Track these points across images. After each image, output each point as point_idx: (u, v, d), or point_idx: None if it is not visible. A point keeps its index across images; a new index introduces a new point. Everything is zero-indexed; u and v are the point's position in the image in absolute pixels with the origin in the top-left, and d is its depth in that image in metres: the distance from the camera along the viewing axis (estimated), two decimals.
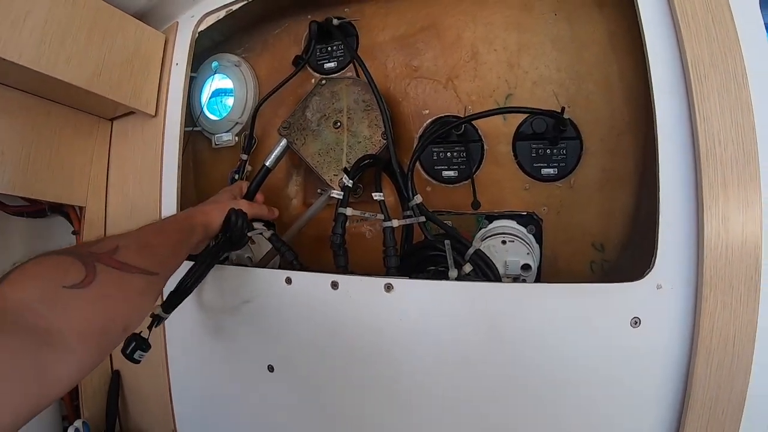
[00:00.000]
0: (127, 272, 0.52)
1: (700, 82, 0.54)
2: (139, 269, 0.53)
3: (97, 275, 0.48)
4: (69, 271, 0.47)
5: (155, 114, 0.88)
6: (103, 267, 0.49)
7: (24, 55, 0.69)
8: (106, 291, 0.48)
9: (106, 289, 0.48)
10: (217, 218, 0.71)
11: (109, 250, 0.52)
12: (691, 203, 0.54)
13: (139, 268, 0.53)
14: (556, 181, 0.76)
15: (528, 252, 0.70)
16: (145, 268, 0.54)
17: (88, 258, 0.49)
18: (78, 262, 0.48)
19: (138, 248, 0.56)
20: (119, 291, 0.51)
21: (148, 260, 0.55)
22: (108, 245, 0.53)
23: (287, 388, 0.74)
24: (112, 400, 0.92)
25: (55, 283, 0.45)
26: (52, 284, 0.45)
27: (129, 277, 0.52)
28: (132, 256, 0.53)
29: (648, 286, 0.55)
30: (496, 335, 0.59)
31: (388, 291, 0.62)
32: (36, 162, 0.85)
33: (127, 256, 0.53)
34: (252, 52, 0.97)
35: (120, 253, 0.52)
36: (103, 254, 0.51)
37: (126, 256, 0.53)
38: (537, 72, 0.77)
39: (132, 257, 0.53)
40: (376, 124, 0.76)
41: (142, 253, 0.56)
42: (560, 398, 0.58)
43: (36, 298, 0.43)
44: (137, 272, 0.53)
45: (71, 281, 0.46)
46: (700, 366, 0.52)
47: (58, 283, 0.45)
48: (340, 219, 0.65)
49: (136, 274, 0.53)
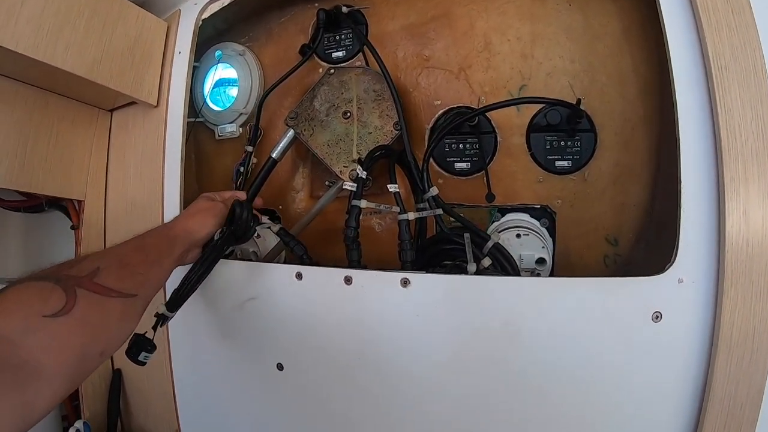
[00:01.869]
0: (106, 296, 0.51)
1: (721, 74, 0.54)
2: (118, 292, 0.53)
3: (78, 301, 0.47)
4: (50, 299, 0.46)
5: (157, 104, 0.86)
6: (84, 292, 0.49)
7: (21, 43, 0.67)
8: (85, 318, 0.48)
9: (86, 315, 0.48)
10: (199, 224, 0.69)
11: (89, 273, 0.51)
12: (713, 197, 0.54)
13: (118, 291, 0.52)
14: (570, 173, 0.75)
15: (543, 246, 0.69)
16: (123, 291, 0.53)
17: (69, 283, 0.48)
18: (58, 288, 0.47)
19: (118, 269, 0.55)
20: (99, 316, 0.50)
21: (128, 282, 0.55)
22: (88, 267, 0.52)
23: (297, 386, 0.72)
24: (114, 399, 0.90)
25: (35, 311, 0.45)
26: (32, 313, 0.44)
27: (108, 302, 0.51)
28: (112, 278, 0.52)
29: (669, 280, 0.54)
30: (515, 330, 0.58)
31: (404, 286, 0.61)
32: (33, 155, 0.83)
33: (107, 278, 0.52)
34: (256, 41, 0.95)
35: (101, 275, 0.52)
36: (84, 278, 0.50)
37: (106, 279, 0.52)
38: (551, 63, 0.76)
39: (112, 280, 0.52)
40: (387, 114, 0.75)
41: (122, 274, 0.55)
42: (580, 393, 0.57)
43: (18, 329, 0.43)
44: (116, 296, 0.52)
45: (51, 309, 0.45)
46: (721, 361, 0.52)
47: (39, 311, 0.45)
48: (354, 211, 0.63)
49: (115, 298, 0.52)
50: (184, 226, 0.68)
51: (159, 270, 0.61)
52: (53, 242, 1.06)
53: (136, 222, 0.88)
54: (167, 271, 0.64)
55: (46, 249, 1.07)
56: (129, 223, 0.89)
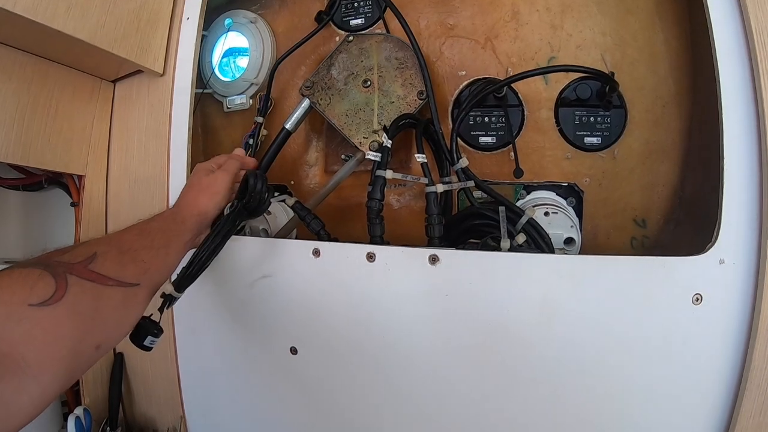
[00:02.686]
0: (102, 284, 0.47)
1: (765, 49, 0.52)
2: (117, 281, 0.48)
3: (69, 289, 0.43)
4: (36, 286, 0.42)
5: (163, 73, 0.81)
6: (76, 279, 0.44)
7: (20, 3, 0.62)
8: (77, 307, 0.43)
9: (77, 305, 0.43)
10: (207, 202, 0.63)
11: (84, 259, 0.47)
12: (755, 176, 0.52)
13: (116, 280, 0.48)
14: (600, 151, 0.72)
15: (572, 225, 0.66)
16: (123, 279, 0.49)
17: (60, 269, 0.44)
18: (47, 274, 0.43)
19: (118, 254, 0.50)
20: (93, 306, 0.45)
21: (129, 269, 0.50)
22: (84, 252, 0.47)
23: (312, 372, 0.68)
24: (115, 385, 0.86)
25: (19, 299, 0.40)
26: (15, 301, 0.40)
27: (104, 290, 0.47)
28: (110, 265, 0.48)
29: (710, 261, 0.52)
30: (550, 309, 0.55)
31: (433, 263, 0.57)
32: (31, 127, 0.78)
33: (104, 265, 0.47)
34: (269, 8, 0.90)
35: (97, 261, 0.47)
36: (78, 264, 0.46)
37: (103, 266, 0.47)
38: (581, 35, 0.72)
39: (110, 267, 0.48)
40: (410, 83, 0.70)
41: (122, 260, 0.50)
42: (616, 375, 0.55)
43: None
44: (114, 284, 0.48)
45: (38, 298, 0.41)
46: (760, 344, 0.50)
47: (23, 299, 0.40)
48: (378, 182, 0.60)
49: (113, 287, 0.48)
50: (192, 208, 0.63)
51: (165, 256, 0.56)
52: (53, 221, 1.02)
53: (140, 198, 0.83)
54: (176, 257, 0.59)
55: (47, 228, 1.04)
56: (132, 200, 0.85)
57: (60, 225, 1.01)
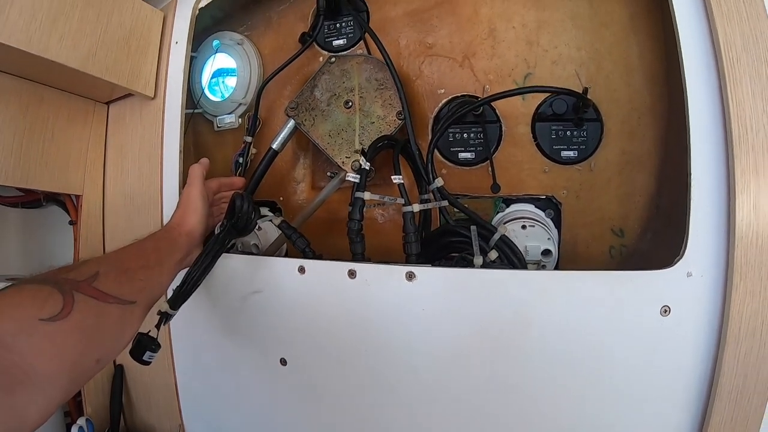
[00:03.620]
0: (104, 302, 0.50)
1: (732, 66, 0.53)
2: (117, 298, 0.52)
3: (75, 306, 0.46)
4: (47, 302, 0.45)
5: (154, 96, 0.84)
6: (82, 296, 0.48)
7: (14, 36, 0.65)
8: (82, 323, 0.47)
9: (82, 321, 0.47)
10: (193, 221, 0.68)
11: (88, 277, 0.50)
12: (722, 190, 0.53)
13: (116, 297, 0.52)
14: (576, 163, 0.73)
15: (548, 237, 0.68)
16: (122, 297, 0.52)
17: (67, 286, 0.47)
18: (56, 291, 0.46)
19: (117, 274, 0.54)
20: (96, 322, 0.49)
21: (126, 288, 0.54)
22: (87, 271, 0.51)
23: (301, 381, 0.71)
24: (116, 395, 0.90)
25: (30, 314, 0.44)
26: (27, 316, 0.43)
27: (106, 308, 0.50)
28: (110, 283, 0.52)
29: (678, 274, 0.53)
30: (522, 324, 0.57)
31: (410, 279, 0.60)
32: (29, 150, 0.82)
33: (105, 283, 0.51)
34: (255, 29, 0.92)
35: (99, 280, 0.51)
36: (82, 282, 0.49)
37: (104, 284, 0.51)
38: (557, 51, 0.74)
39: (110, 285, 0.52)
40: (390, 103, 0.73)
41: (121, 279, 0.54)
42: (589, 386, 0.57)
43: (11, 331, 0.42)
44: (114, 302, 0.51)
45: (48, 313, 0.44)
46: (729, 354, 0.52)
47: (35, 315, 0.44)
48: (357, 204, 0.62)
49: (114, 304, 0.51)
50: (181, 228, 0.67)
51: (160, 275, 0.60)
52: (52, 237, 1.05)
53: (135, 216, 0.87)
54: (169, 276, 0.63)
55: (45, 244, 1.06)
56: (128, 217, 0.88)
57: (58, 241, 1.04)
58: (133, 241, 0.63)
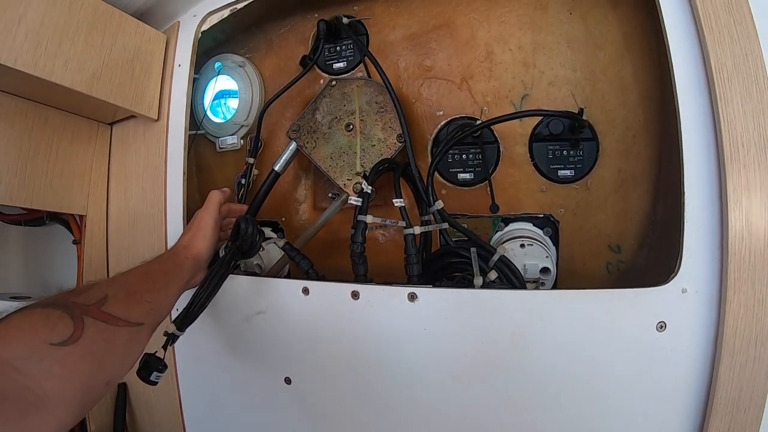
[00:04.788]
0: (113, 325, 0.51)
1: (723, 85, 0.54)
2: (126, 321, 0.52)
3: (85, 330, 0.47)
4: (57, 327, 0.46)
5: (158, 118, 0.85)
6: (91, 320, 0.48)
7: (20, 59, 0.66)
8: (92, 347, 0.47)
9: (92, 344, 0.47)
10: (201, 245, 0.68)
11: (97, 301, 0.51)
12: (715, 207, 0.54)
13: (125, 320, 0.52)
14: (573, 182, 0.75)
15: (547, 255, 0.69)
16: (130, 320, 0.53)
17: (77, 311, 0.48)
18: (66, 315, 0.47)
19: (125, 296, 0.55)
20: (105, 346, 0.49)
21: (135, 310, 0.54)
22: (96, 294, 0.52)
23: (305, 400, 0.72)
24: (120, 413, 0.90)
25: (41, 339, 0.44)
26: (38, 340, 0.44)
27: (115, 331, 0.51)
28: (119, 306, 0.52)
29: (673, 291, 0.54)
30: (522, 343, 0.58)
31: (412, 300, 0.61)
32: (33, 171, 0.82)
33: (114, 306, 0.52)
34: (256, 52, 0.94)
35: (108, 303, 0.51)
36: (92, 306, 0.50)
37: (113, 307, 0.52)
38: (553, 72, 0.76)
39: (119, 308, 0.52)
40: (390, 126, 0.74)
41: (129, 302, 0.54)
42: (588, 403, 0.58)
43: (21, 355, 0.42)
44: (123, 324, 0.52)
45: (59, 338, 0.45)
46: (724, 368, 0.53)
47: (45, 339, 0.44)
48: (360, 227, 0.63)
49: (123, 327, 0.52)
50: (187, 251, 0.67)
51: (166, 297, 0.61)
52: (54, 255, 1.06)
53: (139, 236, 0.87)
54: (174, 297, 0.64)
55: (47, 262, 1.07)
56: (132, 238, 0.89)
57: (60, 260, 1.05)
58: (140, 263, 0.64)
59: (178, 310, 0.68)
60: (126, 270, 0.61)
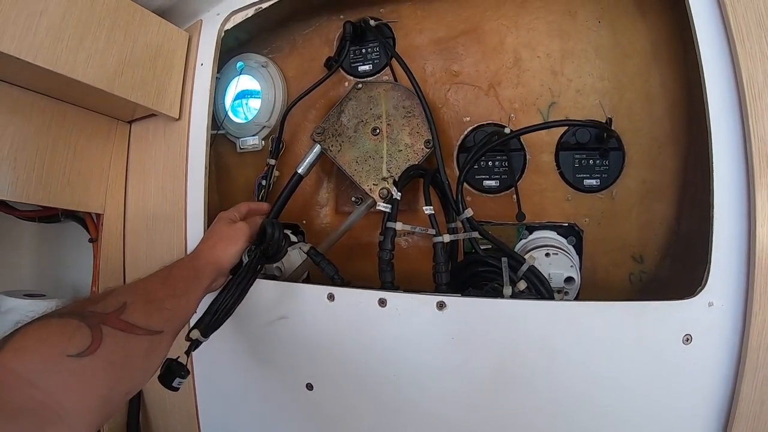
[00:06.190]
0: (132, 333, 0.50)
1: (755, 101, 0.54)
2: (145, 329, 0.51)
3: (104, 340, 0.46)
4: (74, 337, 0.44)
5: (179, 117, 0.84)
6: (110, 330, 0.47)
7: (40, 55, 0.65)
8: (111, 357, 0.46)
9: (111, 355, 0.46)
10: (223, 252, 0.67)
11: (115, 309, 0.49)
12: (743, 222, 0.54)
13: (144, 329, 0.51)
14: (598, 192, 0.75)
15: (571, 264, 0.69)
16: (150, 328, 0.52)
17: (95, 320, 0.47)
18: (84, 325, 0.45)
19: (145, 304, 0.53)
20: (125, 356, 0.48)
21: (154, 318, 0.53)
22: (115, 302, 0.50)
23: (327, 407, 0.71)
24: (133, 418, 0.89)
25: (58, 350, 0.43)
26: (55, 352, 0.42)
27: (135, 340, 0.50)
28: (138, 314, 0.51)
29: (700, 304, 0.55)
30: (550, 354, 0.58)
31: (440, 309, 0.61)
32: (51, 168, 0.81)
33: (133, 315, 0.50)
34: (279, 52, 0.93)
35: (127, 311, 0.50)
36: (110, 315, 0.48)
37: (132, 316, 0.50)
38: (581, 80, 0.75)
39: (138, 316, 0.51)
40: (418, 132, 0.74)
41: (149, 310, 0.53)
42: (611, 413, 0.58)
43: (37, 368, 0.41)
44: (143, 333, 0.51)
45: (76, 349, 0.43)
46: (747, 380, 0.53)
47: (62, 351, 0.43)
48: (389, 234, 0.63)
49: (142, 336, 0.51)
50: (209, 257, 0.66)
51: (186, 303, 0.60)
52: (69, 253, 1.05)
53: (157, 236, 0.86)
54: (195, 303, 0.62)
55: (61, 259, 1.06)
56: (150, 237, 0.88)
57: (74, 258, 1.04)
58: (160, 267, 0.63)
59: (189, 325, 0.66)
60: (145, 275, 0.60)
